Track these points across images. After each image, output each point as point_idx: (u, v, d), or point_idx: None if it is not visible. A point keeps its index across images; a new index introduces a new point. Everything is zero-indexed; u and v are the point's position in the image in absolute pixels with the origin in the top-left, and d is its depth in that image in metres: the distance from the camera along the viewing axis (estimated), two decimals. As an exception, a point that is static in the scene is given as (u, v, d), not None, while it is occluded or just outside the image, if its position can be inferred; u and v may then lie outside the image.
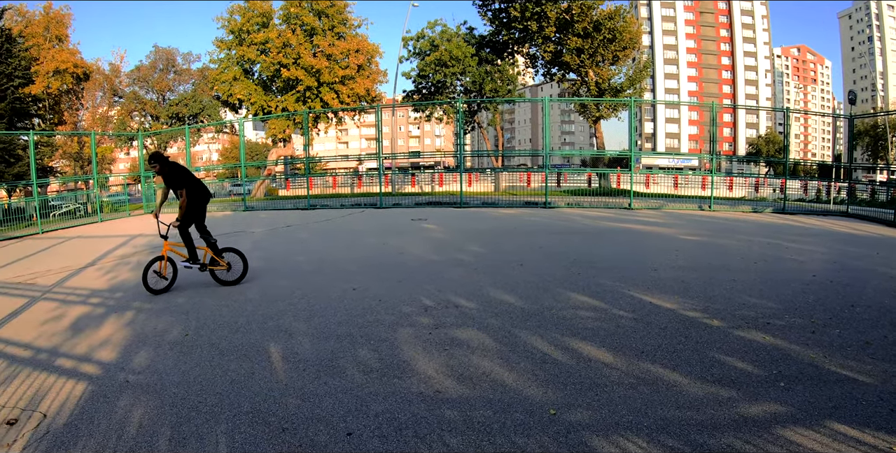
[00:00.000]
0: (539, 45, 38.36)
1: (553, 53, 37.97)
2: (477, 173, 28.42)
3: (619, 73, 38.39)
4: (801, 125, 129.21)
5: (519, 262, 10.31)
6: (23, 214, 21.95)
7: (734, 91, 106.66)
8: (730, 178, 23.69)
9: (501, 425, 4.11)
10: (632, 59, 38.74)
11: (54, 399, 4.89)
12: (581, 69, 37.40)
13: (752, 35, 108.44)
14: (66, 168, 44.52)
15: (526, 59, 42.45)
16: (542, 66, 40.88)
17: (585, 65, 36.79)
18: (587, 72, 37.28)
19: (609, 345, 5.71)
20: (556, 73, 40.42)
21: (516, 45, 40.66)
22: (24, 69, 29.93)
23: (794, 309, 6.90)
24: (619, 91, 37.23)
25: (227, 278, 9.29)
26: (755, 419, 4.09)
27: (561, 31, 36.44)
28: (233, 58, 38.97)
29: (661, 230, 14.84)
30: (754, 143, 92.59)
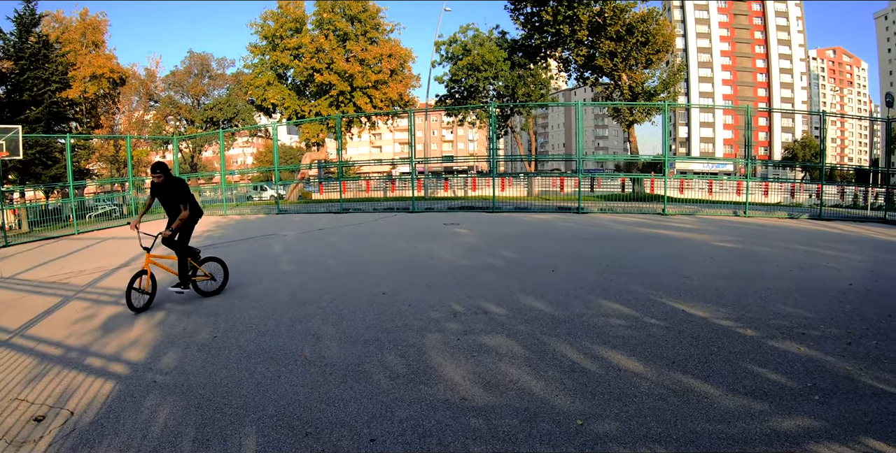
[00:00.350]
0: (571, 48, 38.21)
1: (586, 57, 37.77)
2: (510, 178, 28.29)
3: (652, 77, 38.07)
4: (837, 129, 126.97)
5: (550, 268, 10.26)
6: (59, 215, 22.40)
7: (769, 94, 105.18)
8: (765, 183, 23.29)
9: (527, 435, 4.08)
10: (665, 62, 38.46)
11: (82, 397, 4.98)
12: (614, 73, 37.16)
13: (787, 37, 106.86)
14: (102, 170, 45.33)
15: (558, 63, 42.28)
16: (574, 69, 40.70)
17: (618, 68, 36.55)
18: (620, 75, 37.03)
19: (639, 354, 5.65)
20: (588, 77, 40.19)
21: (549, 48, 40.52)
22: (62, 74, 30.47)
23: (829, 318, 6.75)
24: (653, 95, 36.93)
25: (208, 289, 8.98)
26: (788, 433, 4.00)
27: (593, 35, 36.26)
28: (266, 63, 39.35)
29: (695, 236, 14.67)
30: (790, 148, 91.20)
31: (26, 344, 6.64)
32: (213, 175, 40.89)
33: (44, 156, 27.62)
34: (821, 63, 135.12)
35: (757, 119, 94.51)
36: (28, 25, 29.14)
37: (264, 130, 46.86)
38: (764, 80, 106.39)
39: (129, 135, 30.47)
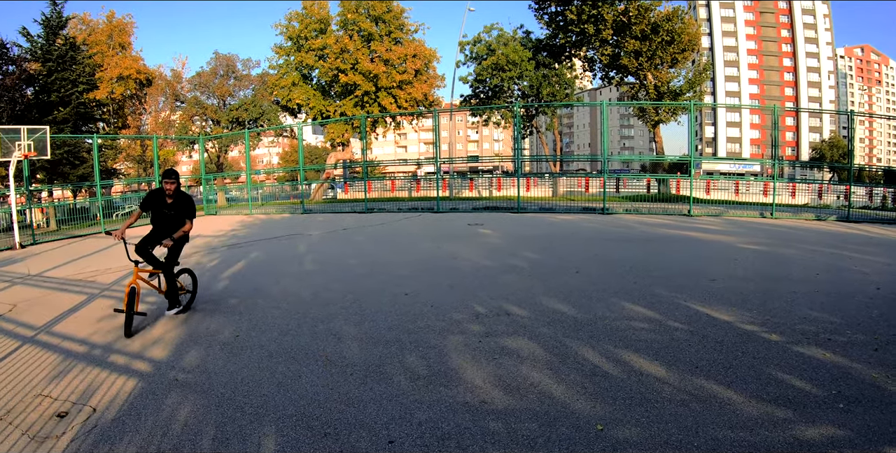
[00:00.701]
0: (596, 48, 38.10)
1: (611, 56, 37.63)
2: (535, 178, 28.29)
3: (678, 76, 37.84)
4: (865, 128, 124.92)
5: (574, 269, 10.24)
6: (86, 214, 22.72)
7: (796, 93, 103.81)
8: (792, 184, 23.04)
9: (546, 439, 4.08)
10: (691, 61, 38.15)
11: (105, 394, 5.06)
12: (639, 72, 36.99)
13: (814, 35, 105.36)
14: (129, 170, 45.85)
15: (583, 63, 42.14)
16: (599, 69, 40.59)
17: (644, 68, 36.37)
18: (645, 75, 36.84)
19: (662, 359, 5.62)
20: (614, 77, 40.05)
21: (573, 48, 40.40)
22: (89, 75, 30.83)
23: (856, 324, 6.65)
24: (679, 94, 36.68)
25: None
26: (811, 442, 3.95)
27: (618, 34, 36.11)
28: (291, 63, 39.60)
29: (721, 238, 14.54)
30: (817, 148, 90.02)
31: (51, 340, 6.75)
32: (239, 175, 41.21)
33: (71, 156, 27.97)
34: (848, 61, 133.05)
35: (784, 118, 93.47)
36: (55, 28, 29.51)
37: (289, 130, 47.16)
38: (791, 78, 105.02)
39: (155, 136, 30.85)
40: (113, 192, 32.52)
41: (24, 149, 16.42)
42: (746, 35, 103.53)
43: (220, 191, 33.74)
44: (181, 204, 7.46)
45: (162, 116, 45.69)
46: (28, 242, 16.87)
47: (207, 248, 14.30)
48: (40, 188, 26.38)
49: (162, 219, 7.47)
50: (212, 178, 30.50)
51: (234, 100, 45.98)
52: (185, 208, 7.47)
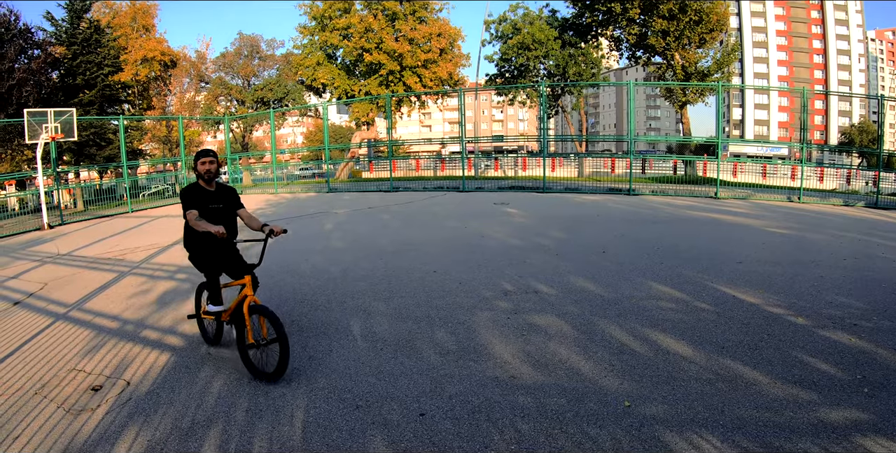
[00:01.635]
0: (623, 27, 37.67)
1: (637, 36, 37.21)
2: (560, 158, 28.17)
3: (706, 57, 37.39)
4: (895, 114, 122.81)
5: (601, 249, 10.30)
6: (113, 194, 23.05)
7: (826, 76, 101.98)
8: (820, 169, 22.82)
9: (574, 414, 4.17)
10: (719, 41, 37.68)
11: (138, 368, 5.23)
12: (666, 52, 36.59)
13: (845, 17, 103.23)
14: (154, 151, 46.26)
15: (610, 42, 41.71)
16: (626, 49, 40.19)
17: (671, 47, 35.96)
18: (673, 55, 36.44)
19: (689, 338, 5.69)
20: (640, 57, 39.65)
21: (600, 27, 39.97)
22: (114, 58, 31.02)
23: (883, 311, 6.65)
24: (707, 75, 36.27)
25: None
26: (835, 425, 3.99)
27: (645, 13, 35.66)
28: (316, 43, 39.51)
29: (748, 221, 14.46)
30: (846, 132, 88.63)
31: (83, 317, 6.93)
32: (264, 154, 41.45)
33: (98, 138, 28.30)
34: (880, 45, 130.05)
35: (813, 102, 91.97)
36: (79, 12, 29.68)
37: (314, 110, 47.30)
38: (820, 61, 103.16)
39: (180, 116, 31.06)
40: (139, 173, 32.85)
41: (51, 132, 16.67)
42: (776, 16, 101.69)
43: (246, 170, 33.98)
44: (226, 193, 5.90)
45: (187, 97, 45.99)
46: (56, 223, 17.18)
47: (235, 226, 14.48)
48: (67, 169, 26.79)
49: (210, 216, 5.69)
50: (237, 158, 30.69)
51: (259, 80, 46.10)
52: (233, 198, 5.92)
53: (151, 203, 23.03)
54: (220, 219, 5.65)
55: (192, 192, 5.63)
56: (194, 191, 5.65)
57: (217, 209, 5.72)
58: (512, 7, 43.03)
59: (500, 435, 3.89)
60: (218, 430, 4.03)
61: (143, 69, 39.97)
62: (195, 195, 5.62)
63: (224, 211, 5.78)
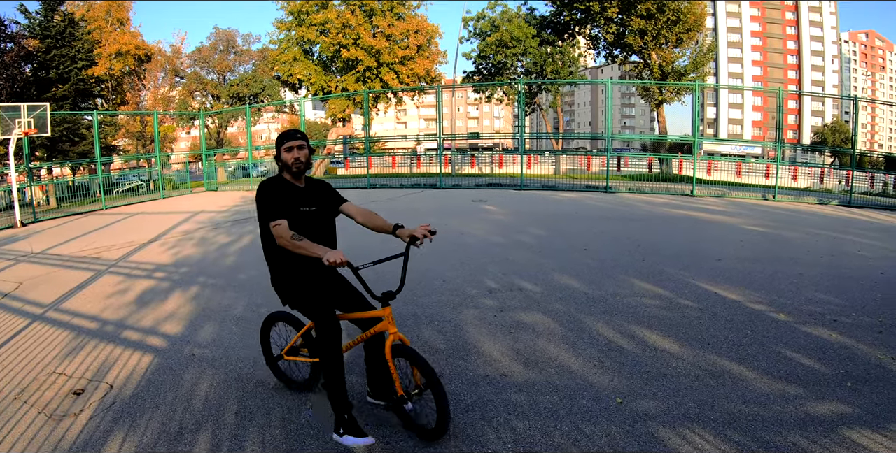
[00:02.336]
0: (601, 26, 37.95)
1: (615, 35, 37.48)
2: (536, 155, 28.29)
3: (682, 56, 37.73)
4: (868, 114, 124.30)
5: (582, 247, 10.35)
6: (87, 191, 22.70)
7: (799, 77, 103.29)
8: (794, 168, 23.13)
9: (568, 411, 4.18)
10: (695, 41, 38.02)
11: (121, 370, 5.08)
12: (644, 51, 36.90)
13: (819, 18, 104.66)
14: (128, 147, 45.69)
15: (587, 41, 41.96)
16: (604, 47, 40.50)
17: (648, 47, 36.27)
18: (650, 54, 36.74)
19: (675, 335, 5.74)
20: (618, 55, 39.96)
21: (578, 25, 40.20)
22: (87, 52, 30.67)
23: (861, 307, 6.77)
24: (683, 74, 36.62)
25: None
26: (822, 418, 4.06)
27: (623, 12, 35.91)
28: (292, 38, 39.34)
29: (725, 219, 14.63)
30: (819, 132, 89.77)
31: (61, 317, 6.75)
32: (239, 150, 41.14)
33: (71, 133, 27.96)
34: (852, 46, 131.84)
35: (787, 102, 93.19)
36: (53, 3, 29.32)
37: (290, 106, 46.95)
38: (794, 62, 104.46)
39: (155, 111, 30.71)
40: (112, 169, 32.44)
41: (24, 127, 16.38)
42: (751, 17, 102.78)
43: (221, 166, 33.73)
44: (319, 189, 4.29)
45: (161, 92, 45.40)
46: (29, 220, 16.88)
47: (212, 224, 14.38)
48: (40, 166, 26.39)
49: (301, 224, 3.95)
50: (212, 154, 30.43)
51: (235, 75, 45.75)
52: (329, 195, 4.31)
53: (125, 200, 22.76)
54: (315, 228, 4.04)
55: (277, 189, 3.94)
56: (279, 187, 3.98)
57: (310, 214, 4.05)
58: (490, 5, 43.12)
59: (495, 434, 3.88)
60: (208, 434, 3.96)
61: (117, 63, 39.44)
62: (282, 194, 3.93)
63: (320, 216, 4.15)
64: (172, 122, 46.54)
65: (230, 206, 18.45)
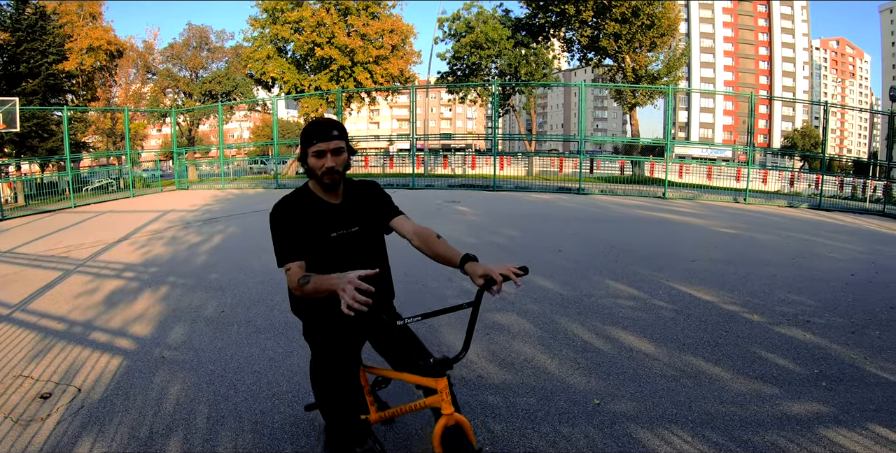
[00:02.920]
0: (576, 29, 38.05)
1: (590, 38, 37.65)
2: (509, 157, 28.34)
3: (655, 60, 38.03)
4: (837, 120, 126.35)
5: (556, 248, 10.34)
6: (55, 189, 22.37)
7: (771, 82, 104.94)
8: (764, 171, 23.39)
9: (545, 413, 4.13)
10: (669, 46, 38.33)
11: (89, 373, 4.93)
12: (618, 55, 37.11)
13: (791, 26, 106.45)
14: (98, 144, 45.07)
15: (562, 43, 42.11)
16: (578, 50, 40.63)
17: (622, 50, 36.49)
18: (624, 57, 36.97)
19: (650, 336, 5.73)
20: (592, 58, 40.13)
21: (553, 28, 40.30)
22: (59, 46, 30.19)
23: (833, 308, 6.84)
24: (656, 78, 36.89)
25: None
26: (798, 418, 4.08)
27: (598, 16, 36.07)
28: (266, 36, 39.02)
29: (697, 221, 14.73)
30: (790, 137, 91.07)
31: (28, 318, 6.56)
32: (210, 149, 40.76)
33: (40, 129, 27.49)
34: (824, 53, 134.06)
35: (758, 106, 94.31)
36: (25, -4, 28.88)
37: (263, 104, 46.61)
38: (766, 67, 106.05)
39: (126, 108, 30.29)
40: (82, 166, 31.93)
41: (-7, 122, 16.10)
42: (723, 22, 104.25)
43: (192, 165, 33.38)
44: (362, 198, 3.19)
45: (133, 89, 44.80)
46: (-4, 218, 16.53)
47: (182, 223, 14.19)
48: (8, 162, 25.92)
49: (337, 250, 2.97)
50: (183, 152, 30.10)
51: (207, 72, 45.24)
52: (378, 205, 3.21)
53: (95, 198, 22.42)
54: (356, 255, 2.97)
55: (294, 215, 2.90)
56: (298, 211, 2.92)
57: (348, 238, 2.97)
58: (466, 5, 43.04)
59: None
60: (179, 439, 3.84)
61: (88, 58, 38.86)
62: (301, 221, 2.87)
63: (363, 239, 3.04)
64: (143, 120, 46.00)
65: (201, 205, 18.25)
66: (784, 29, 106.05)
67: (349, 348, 3.05)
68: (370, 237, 3.07)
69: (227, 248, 10.52)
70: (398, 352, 3.04)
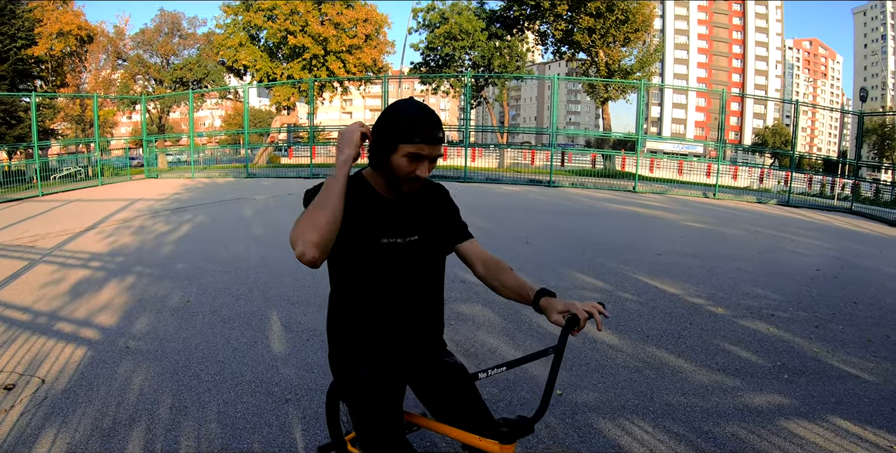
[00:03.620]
0: (550, 22, 38.17)
1: (564, 32, 37.77)
2: (481, 148, 28.30)
3: (629, 55, 38.22)
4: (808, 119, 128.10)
5: (524, 239, 10.34)
6: (23, 177, 21.88)
7: (743, 80, 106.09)
8: (734, 167, 23.62)
9: (508, 403, 4.10)
10: (643, 41, 38.51)
11: (53, 364, 4.82)
12: (591, 49, 37.22)
13: (765, 25, 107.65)
14: (67, 131, 44.25)
15: (536, 36, 42.19)
16: (552, 43, 40.75)
17: (596, 45, 36.60)
18: (597, 52, 37.09)
19: (615, 327, 5.71)
20: (566, 52, 40.26)
21: (527, 21, 40.39)
22: (28, 30, 29.67)
23: (797, 302, 6.90)
24: (629, 73, 37.09)
25: None
26: (759, 409, 4.09)
27: (573, 10, 36.17)
28: (239, 23, 38.64)
29: (666, 215, 14.82)
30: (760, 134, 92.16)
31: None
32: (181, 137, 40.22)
33: (8, 116, 27.06)
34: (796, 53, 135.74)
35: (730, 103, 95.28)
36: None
37: (234, 92, 46.13)
38: (739, 65, 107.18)
39: (95, 95, 29.73)
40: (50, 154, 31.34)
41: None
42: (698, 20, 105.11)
43: (161, 153, 32.95)
44: (430, 203, 2.41)
45: (103, 75, 43.97)
46: (-38, 207, 16.11)
47: (150, 212, 13.96)
48: (-26, 150, 25.43)
49: (387, 260, 2.16)
50: (153, 140, 29.66)
51: (179, 59, 44.56)
52: (444, 214, 2.45)
53: (63, 186, 21.95)
54: (407, 268, 2.22)
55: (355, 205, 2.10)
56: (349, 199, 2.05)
57: (403, 248, 2.19)
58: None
59: (436, 426, 3.78)
60: (142, 430, 3.74)
61: (58, 43, 37.96)
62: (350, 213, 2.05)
63: (420, 251, 2.25)
64: (113, 107, 45.23)
65: (170, 194, 17.99)
66: (758, 28, 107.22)
67: (394, 401, 2.19)
68: (430, 252, 2.30)
69: (194, 238, 10.36)
70: (458, 405, 2.22)
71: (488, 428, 2.07)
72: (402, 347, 2.18)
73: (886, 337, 5.81)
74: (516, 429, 2.00)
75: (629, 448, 3.54)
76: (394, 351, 2.16)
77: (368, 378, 1.98)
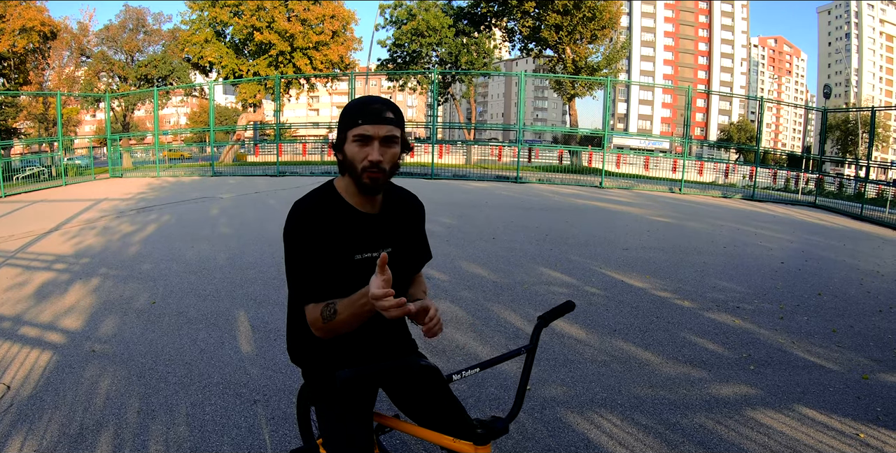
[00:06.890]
0: (518, 19, 38.27)
1: (531, 28, 37.89)
2: (448, 145, 28.31)
3: (596, 52, 38.42)
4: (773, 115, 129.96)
5: (491, 236, 10.32)
6: (-16, 178, 21.41)
7: (709, 77, 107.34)
8: (700, 163, 23.85)
9: (476, 399, 4.09)
10: (609, 38, 38.75)
11: (18, 369, 4.70)
12: (558, 46, 37.39)
13: (731, 23, 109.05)
14: (30, 130, 43.40)
15: (503, 33, 42.30)
16: (519, 40, 40.89)
17: (563, 42, 36.76)
18: (564, 49, 37.27)
19: (581, 322, 5.72)
20: (533, 49, 40.41)
21: (495, 18, 40.51)
22: (-10, 27, 28.99)
23: (762, 294, 6.98)
24: (596, 70, 37.28)
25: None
26: (726, 400, 4.12)
27: (540, 7, 36.30)
28: (205, 19, 38.14)
29: (632, 210, 14.92)
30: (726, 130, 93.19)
31: None
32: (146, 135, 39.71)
33: (-32, 115, 26.39)
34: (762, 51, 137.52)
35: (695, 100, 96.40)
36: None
37: (200, 89, 45.64)
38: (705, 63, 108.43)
39: (59, 92, 29.20)
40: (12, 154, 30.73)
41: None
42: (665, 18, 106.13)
43: (126, 152, 32.48)
44: (403, 214, 2.31)
45: (66, 72, 43.17)
46: (-79, 208, 15.70)
47: (115, 212, 13.72)
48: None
49: (362, 276, 1.89)
50: (118, 139, 29.21)
51: (143, 56, 43.94)
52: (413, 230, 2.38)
53: (26, 186, 21.50)
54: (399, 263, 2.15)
55: (315, 230, 1.96)
56: (320, 224, 1.97)
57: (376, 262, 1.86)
58: (408, -7, 42.96)
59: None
60: (109, 434, 3.66)
61: (21, 40, 37.14)
62: (323, 238, 1.96)
63: (394, 262, 2.01)
64: (77, 104, 44.44)
65: (135, 194, 17.71)
66: (724, 26, 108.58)
67: (366, 405, 2.18)
68: (402, 264, 2.18)
69: (160, 238, 10.19)
70: (433, 407, 2.17)
71: (464, 429, 2.04)
72: (374, 352, 2.16)
73: (850, 327, 5.89)
74: (491, 431, 1.98)
75: (598, 441, 3.54)
76: (366, 356, 2.14)
77: (344, 383, 1.71)
